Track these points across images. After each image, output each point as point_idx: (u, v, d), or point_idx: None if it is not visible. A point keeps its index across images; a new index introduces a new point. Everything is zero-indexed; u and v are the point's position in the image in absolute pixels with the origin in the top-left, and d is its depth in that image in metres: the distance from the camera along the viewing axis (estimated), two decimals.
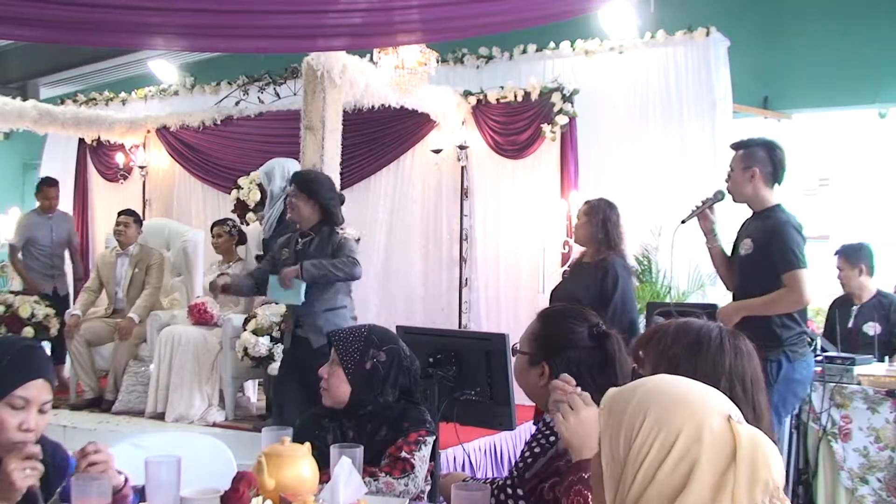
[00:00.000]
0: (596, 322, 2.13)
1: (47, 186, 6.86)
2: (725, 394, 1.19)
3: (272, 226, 5.45)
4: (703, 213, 3.75)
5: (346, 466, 1.88)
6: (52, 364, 2.03)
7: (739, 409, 1.19)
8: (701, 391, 1.16)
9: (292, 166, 5.31)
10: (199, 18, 3.42)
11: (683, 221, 3.77)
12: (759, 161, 3.61)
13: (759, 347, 3.43)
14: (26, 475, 1.74)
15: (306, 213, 4.06)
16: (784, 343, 3.49)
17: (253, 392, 5.82)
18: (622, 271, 4.20)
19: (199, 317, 5.40)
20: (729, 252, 3.84)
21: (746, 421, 1.16)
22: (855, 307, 4.95)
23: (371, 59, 5.27)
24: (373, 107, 5.75)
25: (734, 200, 3.74)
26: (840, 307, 5.08)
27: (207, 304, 5.44)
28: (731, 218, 4.03)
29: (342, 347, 2.46)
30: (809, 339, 3.64)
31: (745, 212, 3.80)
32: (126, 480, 1.93)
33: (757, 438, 1.10)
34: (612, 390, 1.22)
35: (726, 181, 3.72)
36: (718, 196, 3.73)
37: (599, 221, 4.25)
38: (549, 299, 4.59)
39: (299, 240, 4.14)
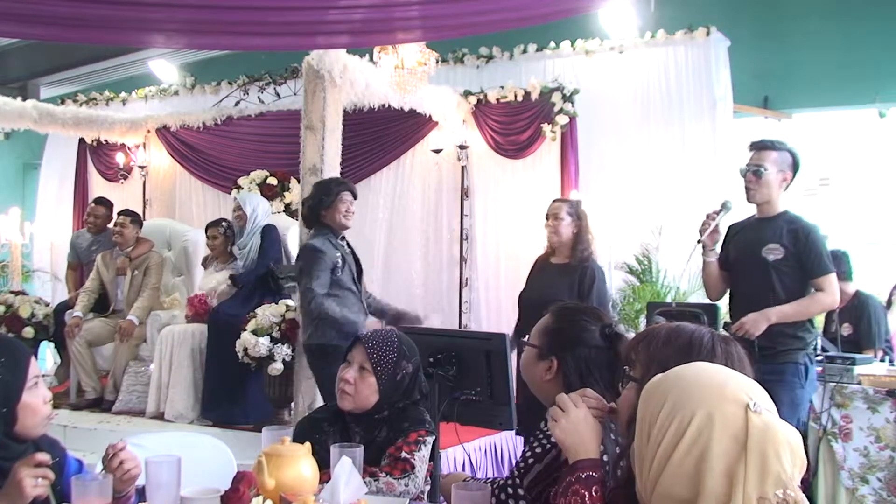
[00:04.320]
0: (609, 322, 2.13)
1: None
2: None
3: (253, 260, 5.38)
4: (715, 228, 3.71)
5: (346, 466, 1.88)
6: None
7: None
8: (723, 377, 1.17)
9: (267, 207, 5.69)
10: (200, 14, 3.41)
11: (700, 241, 3.71)
12: (788, 166, 3.62)
13: (787, 351, 3.46)
14: (37, 484, 1.74)
15: None
16: (807, 346, 3.56)
17: None
18: (601, 273, 4.40)
19: (199, 308, 5.38)
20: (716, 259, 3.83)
21: None
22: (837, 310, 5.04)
23: (371, 59, 5.27)
24: (373, 107, 5.75)
25: (750, 201, 3.68)
26: (830, 311, 5.17)
27: (206, 296, 5.43)
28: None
29: (377, 357, 2.42)
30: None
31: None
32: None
33: (772, 430, 1.10)
34: (650, 381, 1.25)
35: (753, 177, 3.62)
36: (728, 207, 3.69)
37: (584, 224, 4.36)
38: (519, 302, 4.56)
39: (340, 243, 4.36)
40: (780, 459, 1.08)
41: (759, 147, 3.67)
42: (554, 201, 4.60)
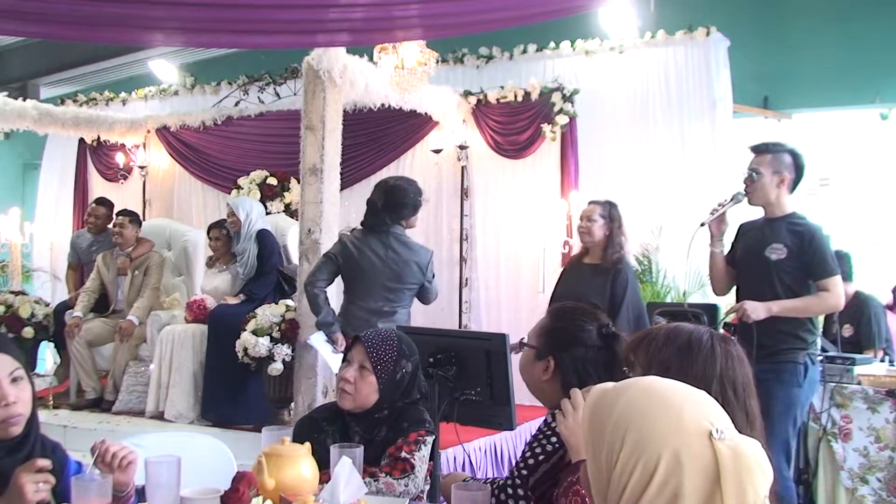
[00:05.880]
0: (606, 322, 2.14)
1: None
2: (717, 399, 1.16)
3: (253, 266, 5.38)
4: (721, 216, 3.73)
5: (346, 466, 1.88)
6: (12, 342, 2.09)
7: (732, 414, 1.16)
8: (679, 404, 1.11)
9: (260, 209, 5.62)
10: (199, 12, 3.41)
11: (703, 224, 3.73)
12: (787, 167, 3.63)
13: (788, 350, 3.48)
14: (38, 489, 1.73)
15: None
16: (808, 346, 3.58)
17: None
18: (634, 281, 4.37)
19: (198, 313, 5.39)
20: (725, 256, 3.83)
21: (739, 427, 1.13)
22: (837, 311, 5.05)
23: (371, 59, 5.27)
24: (373, 107, 5.74)
25: (751, 203, 3.71)
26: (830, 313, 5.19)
27: (206, 301, 5.44)
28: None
29: (377, 356, 2.43)
30: None
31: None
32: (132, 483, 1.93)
33: (740, 454, 1.06)
34: (595, 392, 1.18)
35: (748, 181, 3.66)
36: (739, 198, 3.70)
37: (616, 224, 4.36)
38: (551, 302, 4.58)
39: None
40: (755, 485, 1.05)
41: (756, 150, 3.72)
42: (589, 203, 4.59)
